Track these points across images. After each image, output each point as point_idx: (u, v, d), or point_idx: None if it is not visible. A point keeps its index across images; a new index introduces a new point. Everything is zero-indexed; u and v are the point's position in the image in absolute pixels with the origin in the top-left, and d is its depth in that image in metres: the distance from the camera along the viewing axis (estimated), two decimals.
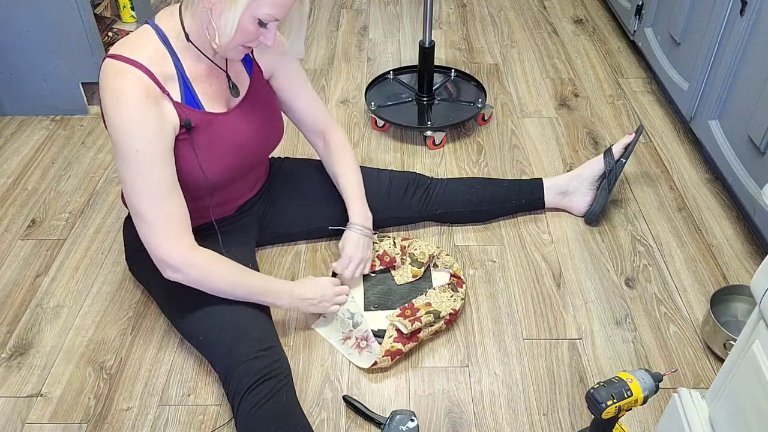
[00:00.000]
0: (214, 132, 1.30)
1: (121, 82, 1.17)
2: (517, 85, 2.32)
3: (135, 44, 1.22)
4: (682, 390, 1.03)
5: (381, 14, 2.82)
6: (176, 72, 1.24)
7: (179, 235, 1.24)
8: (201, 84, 1.29)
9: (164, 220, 1.22)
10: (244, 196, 1.50)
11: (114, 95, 1.17)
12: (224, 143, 1.32)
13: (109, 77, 1.18)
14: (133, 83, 1.17)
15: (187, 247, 1.25)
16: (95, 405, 1.34)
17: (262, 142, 1.43)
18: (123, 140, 1.17)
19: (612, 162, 1.70)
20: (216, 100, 1.32)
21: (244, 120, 1.37)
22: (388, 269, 1.57)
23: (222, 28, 1.18)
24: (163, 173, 1.21)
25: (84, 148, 2.05)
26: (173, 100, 1.23)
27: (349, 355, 1.41)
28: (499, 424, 1.29)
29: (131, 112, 1.16)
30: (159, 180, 1.20)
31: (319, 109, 1.55)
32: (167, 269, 1.25)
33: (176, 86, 1.25)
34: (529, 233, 1.72)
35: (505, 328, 1.48)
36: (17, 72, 2.10)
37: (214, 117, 1.30)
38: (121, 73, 1.17)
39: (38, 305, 1.55)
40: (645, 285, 1.57)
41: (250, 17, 1.17)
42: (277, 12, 1.19)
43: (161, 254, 1.23)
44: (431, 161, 1.98)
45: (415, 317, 1.39)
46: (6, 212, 1.81)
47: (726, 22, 1.71)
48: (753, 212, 1.59)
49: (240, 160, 1.37)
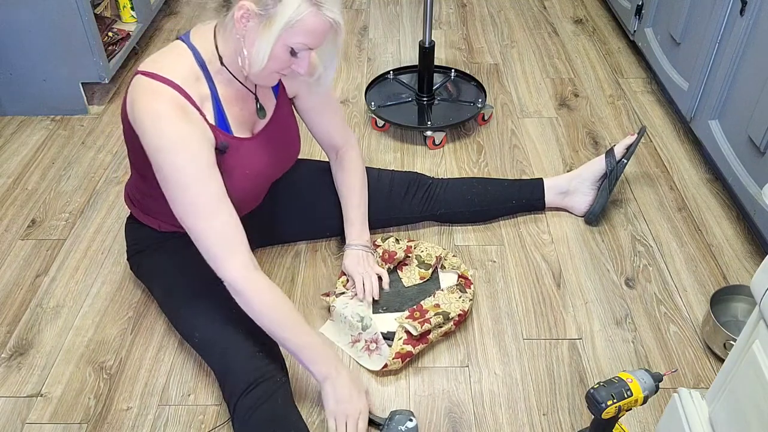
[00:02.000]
0: (239, 157, 1.30)
1: (156, 101, 1.15)
2: (517, 85, 2.32)
3: (170, 62, 1.20)
4: (682, 390, 1.03)
5: (381, 14, 2.83)
6: (210, 94, 1.23)
7: (242, 254, 1.18)
8: (232, 108, 1.28)
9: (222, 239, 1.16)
10: (251, 205, 1.50)
11: (151, 114, 1.14)
12: (246, 168, 1.32)
13: (143, 96, 1.16)
14: (168, 102, 1.15)
15: (250, 266, 1.18)
16: (95, 405, 1.34)
17: (279, 165, 1.43)
18: (165, 158, 1.14)
19: (613, 162, 1.70)
20: (243, 124, 1.32)
21: (266, 145, 1.36)
22: (396, 270, 1.57)
23: (254, 56, 1.16)
24: (211, 189, 1.17)
25: (84, 148, 2.05)
26: (209, 122, 1.22)
27: (359, 358, 1.40)
28: (499, 424, 1.29)
29: (171, 129, 1.14)
30: (207, 196, 1.16)
31: (337, 126, 1.54)
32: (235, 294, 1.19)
33: (210, 108, 1.23)
34: (529, 233, 1.72)
35: (505, 328, 1.48)
36: (17, 72, 2.10)
37: (240, 142, 1.30)
38: (157, 93, 1.15)
39: (38, 305, 1.55)
40: (645, 285, 1.57)
41: (283, 46, 1.15)
42: (311, 41, 1.17)
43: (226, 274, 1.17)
44: (431, 161, 1.98)
45: (425, 319, 1.38)
46: (6, 212, 1.81)
47: (726, 22, 1.71)
48: (753, 212, 1.58)
49: (257, 183, 1.37)
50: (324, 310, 1.52)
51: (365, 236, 1.54)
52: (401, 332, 1.37)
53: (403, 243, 1.59)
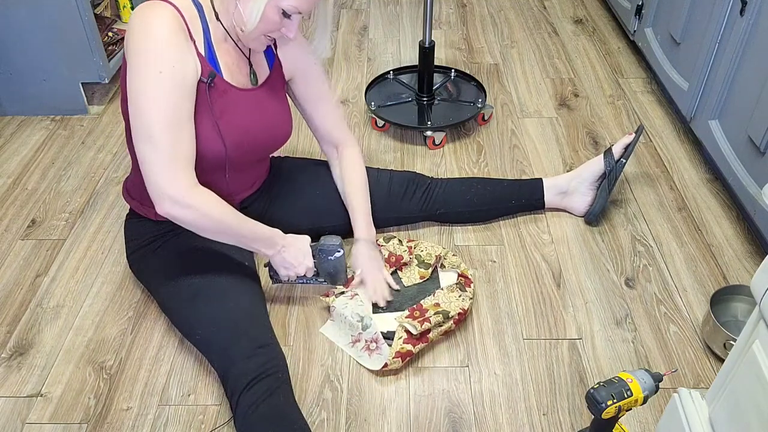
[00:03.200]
0: (228, 102, 1.30)
1: (154, 11, 1.18)
2: (517, 85, 2.32)
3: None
4: (682, 390, 1.03)
5: (381, 14, 2.83)
6: (203, 31, 1.25)
7: (185, 169, 1.21)
8: (224, 56, 1.30)
9: (174, 150, 1.19)
10: (243, 193, 1.50)
11: (143, 20, 1.17)
12: (233, 118, 1.32)
13: (141, 10, 1.18)
14: (167, 15, 1.18)
15: (190, 183, 1.22)
16: (95, 405, 1.34)
17: (267, 134, 1.42)
18: (147, 60, 1.16)
19: (612, 162, 1.70)
20: (234, 76, 1.33)
21: (256, 105, 1.36)
22: (396, 270, 1.57)
23: (247, 15, 1.20)
24: (182, 102, 1.19)
25: (84, 148, 2.05)
26: (199, 51, 1.24)
27: (359, 358, 1.41)
28: (499, 424, 1.30)
29: (159, 32, 1.16)
30: (177, 107, 1.18)
31: (337, 122, 1.56)
32: (165, 201, 1.20)
33: (202, 42, 1.25)
34: (529, 233, 1.72)
35: (505, 328, 1.48)
36: (17, 72, 2.10)
37: (229, 87, 1.30)
38: (157, 7, 1.18)
39: (38, 305, 1.55)
40: (645, 285, 1.57)
41: (275, 7, 1.20)
42: (301, 5, 1.20)
43: (163, 183, 1.19)
44: (431, 161, 1.98)
45: (424, 318, 1.38)
46: (6, 212, 1.81)
47: (726, 22, 1.71)
48: (753, 212, 1.58)
49: (246, 143, 1.36)
50: (324, 310, 1.52)
51: (372, 231, 1.55)
52: (401, 331, 1.37)
53: (405, 244, 1.59)
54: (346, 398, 1.34)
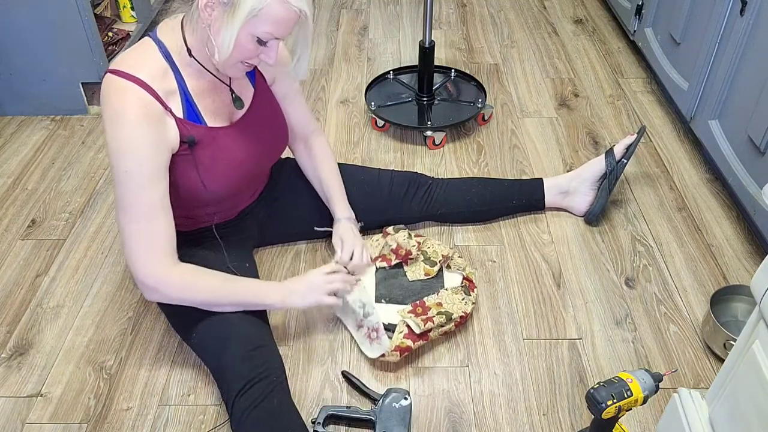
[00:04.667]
0: (217, 148, 1.29)
1: (121, 100, 1.16)
2: (517, 85, 2.32)
3: (136, 59, 1.20)
4: (682, 390, 1.03)
5: (381, 14, 2.83)
6: (178, 87, 1.23)
7: (159, 257, 1.22)
8: (203, 100, 1.28)
9: (145, 242, 1.20)
10: (246, 202, 1.50)
11: (113, 113, 1.16)
12: (227, 158, 1.31)
13: (110, 95, 1.17)
14: (132, 101, 1.16)
15: (165, 266, 1.22)
16: (95, 405, 1.34)
17: (266, 154, 1.43)
18: (115, 159, 1.17)
19: (613, 162, 1.70)
20: (218, 115, 1.31)
21: (247, 133, 1.36)
22: (402, 264, 1.56)
23: (220, 45, 1.15)
24: (150, 195, 1.19)
25: (84, 148, 2.05)
26: (175, 116, 1.22)
27: (360, 343, 1.42)
28: (499, 424, 1.30)
29: (126, 132, 1.15)
30: (144, 202, 1.19)
31: (309, 117, 1.56)
32: (147, 291, 1.24)
33: (178, 102, 1.23)
34: (529, 233, 1.72)
35: (505, 328, 1.48)
36: (17, 72, 2.10)
37: (216, 132, 1.29)
38: (122, 91, 1.16)
39: (38, 305, 1.55)
40: (645, 285, 1.57)
41: (248, 35, 1.15)
42: (277, 31, 1.16)
43: (140, 276, 1.22)
44: (431, 161, 1.98)
45: (428, 317, 1.39)
46: (6, 212, 1.81)
47: (726, 22, 1.71)
48: (753, 212, 1.58)
49: (243, 172, 1.37)
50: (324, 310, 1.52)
51: (351, 212, 1.55)
52: (402, 326, 1.37)
53: (413, 239, 1.59)
54: (346, 398, 1.34)
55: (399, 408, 1.26)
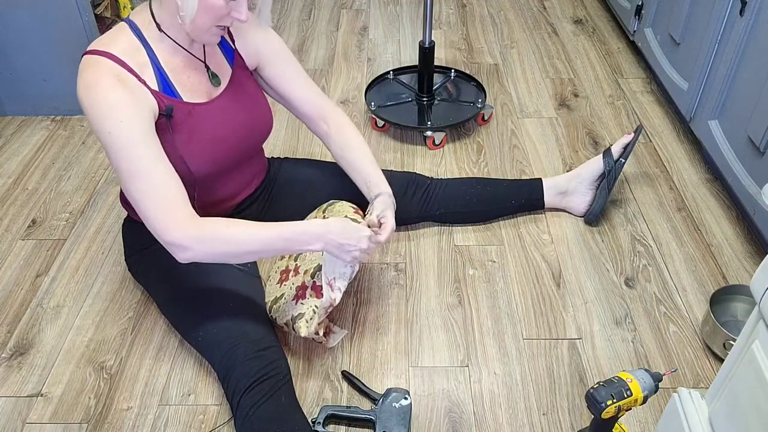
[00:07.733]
0: (195, 123, 1.29)
1: (92, 72, 1.17)
2: (517, 85, 2.32)
3: (109, 39, 1.22)
4: (682, 390, 1.03)
5: (381, 14, 2.83)
6: (150, 62, 1.24)
7: (171, 210, 1.17)
8: (178, 75, 1.28)
9: (154, 198, 1.17)
10: (241, 193, 1.49)
11: (86, 84, 1.17)
12: (206, 134, 1.31)
13: (83, 71, 1.18)
14: (105, 71, 1.17)
15: (182, 219, 1.18)
16: (95, 405, 1.34)
17: (248, 133, 1.40)
18: (97, 126, 1.16)
19: (611, 162, 1.70)
20: (195, 92, 1.31)
21: (226, 110, 1.35)
22: None
23: (185, 7, 1.16)
24: (138, 152, 1.16)
25: (84, 148, 2.05)
26: (150, 88, 1.23)
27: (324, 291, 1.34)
28: (499, 424, 1.30)
29: (102, 97, 1.15)
30: (136, 161, 1.16)
31: (316, 93, 1.51)
32: (177, 252, 1.18)
33: (152, 75, 1.24)
34: (529, 233, 1.72)
35: (504, 328, 1.48)
36: (17, 72, 2.10)
37: (193, 107, 1.29)
38: (94, 65, 1.18)
39: (38, 305, 1.55)
40: (645, 285, 1.58)
41: None
42: None
43: (163, 236, 1.17)
44: (431, 161, 1.98)
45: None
46: (6, 212, 1.81)
47: (726, 22, 1.71)
48: (753, 212, 1.59)
49: (226, 151, 1.35)
50: None
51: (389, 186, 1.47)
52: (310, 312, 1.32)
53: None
54: (346, 398, 1.34)
55: (399, 408, 1.27)
